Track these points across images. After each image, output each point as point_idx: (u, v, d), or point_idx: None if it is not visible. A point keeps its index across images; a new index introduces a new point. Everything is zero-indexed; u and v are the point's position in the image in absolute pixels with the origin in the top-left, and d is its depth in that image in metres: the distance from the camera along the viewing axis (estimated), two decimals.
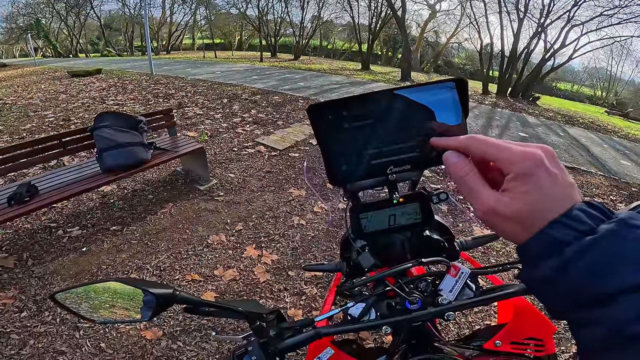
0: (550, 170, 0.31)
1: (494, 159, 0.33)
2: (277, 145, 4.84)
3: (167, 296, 0.52)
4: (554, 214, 0.30)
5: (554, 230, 0.29)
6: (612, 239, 0.27)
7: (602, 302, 0.27)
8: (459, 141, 0.36)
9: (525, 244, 0.31)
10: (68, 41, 29.80)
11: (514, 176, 0.31)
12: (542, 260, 0.30)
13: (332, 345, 0.80)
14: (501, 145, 0.33)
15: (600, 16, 13.12)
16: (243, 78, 10.87)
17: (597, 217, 0.29)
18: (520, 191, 0.31)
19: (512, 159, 0.31)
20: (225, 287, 2.34)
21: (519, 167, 0.31)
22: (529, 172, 0.31)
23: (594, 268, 0.27)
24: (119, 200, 3.26)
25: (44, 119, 5.61)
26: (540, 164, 0.31)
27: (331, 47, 34.80)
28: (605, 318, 0.27)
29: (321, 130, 0.41)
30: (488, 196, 0.33)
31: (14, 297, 2.15)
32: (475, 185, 0.34)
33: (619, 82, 30.21)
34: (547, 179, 0.30)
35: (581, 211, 0.29)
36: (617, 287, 0.26)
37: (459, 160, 0.35)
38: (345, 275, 0.85)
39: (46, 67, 13.21)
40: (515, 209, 0.31)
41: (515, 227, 0.32)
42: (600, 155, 6.62)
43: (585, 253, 0.28)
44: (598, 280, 0.27)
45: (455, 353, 0.74)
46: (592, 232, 0.28)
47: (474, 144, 0.34)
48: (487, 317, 2.22)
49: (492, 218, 0.33)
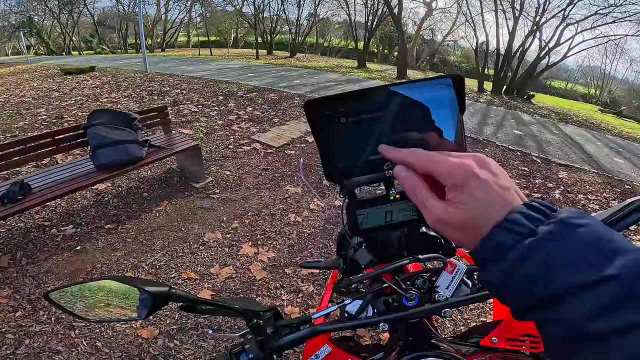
0: (480, 178, 0.31)
1: (432, 173, 0.34)
2: (273, 143, 4.83)
3: (162, 294, 0.51)
4: (494, 220, 0.30)
5: (496, 235, 0.30)
6: (551, 241, 0.28)
7: (550, 304, 0.27)
8: (401, 155, 0.37)
9: (474, 250, 0.32)
10: (61, 39, 29.45)
11: (449, 187, 0.32)
12: (490, 266, 0.31)
13: (329, 342, 0.80)
14: (437, 159, 0.34)
15: (595, 15, 13.22)
16: (239, 75, 10.82)
17: (536, 218, 0.29)
18: (458, 201, 0.32)
19: (447, 171, 0.32)
20: (222, 285, 2.34)
21: (452, 179, 0.32)
22: (461, 182, 0.31)
23: (536, 271, 0.28)
24: (114, 198, 3.23)
25: (36, 117, 5.55)
26: (470, 173, 0.31)
27: (327, 44, 34.70)
28: (558, 319, 0.27)
29: (317, 126, 0.41)
30: (436, 207, 0.34)
31: (8, 297, 2.13)
32: (424, 197, 0.35)
33: (612, 81, 30.44)
34: (479, 187, 0.31)
35: (520, 214, 0.30)
36: (561, 288, 0.27)
37: (407, 174, 0.36)
38: (342, 272, 0.84)
39: (39, 65, 13.06)
40: (459, 218, 0.32)
41: (462, 234, 0.33)
42: (593, 153, 6.68)
43: (526, 256, 0.28)
44: (542, 282, 0.27)
45: (452, 350, 0.74)
46: (532, 234, 0.29)
47: (414, 158, 0.35)
48: (482, 313, 2.24)
49: (442, 227, 0.34)
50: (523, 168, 5.07)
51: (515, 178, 4.66)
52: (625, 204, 0.63)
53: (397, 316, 0.64)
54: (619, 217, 0.63)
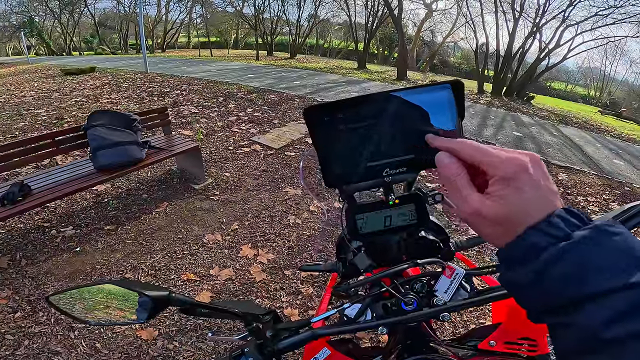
0: (532, 176, 0.31)
1: (480, 163, 0.34)
2: (273, 144, 4.83)
3: (162, 298, 0.51)
4: (533, 219, 0.30)
5: (532, 235, 0.30)
6: (586, 245, 0.28)
7: (574, 307, 0.28)
8: (451, 143, 0.37)
9: (505, 247, 0.32)
10: (62, 39, 29.46)
11: (496, 179, 0.32)
12: (519, 265, 0.31)
13: (328, 345, 0.80)
14: (489, 151, 0.34)
15: (595, 16, 13.22)
16: (239, 76, 10.83)
17: (573, 223, 0.30)
18: (501, 194, 0.32)
19: (497, 163, 0.32)
20: (221, 287, 2.34)
21: (502, 171, 0.32)
22: (511, 176, 0.31)
23: (567, 274, 0.28)
24: (113, 200, 3.23)
25: (36, 118, 5.55)
26: (523, 169, 0.31)
27: (327, 45, 34.73)
28: (577, 323, 0.28)
29: (317, 133, 0.41)
30: (474, 198, 0.34)
31: (7, 298, 2.13)
32: (463, 187, 0.35)
33: (612, 82, 30.47)
34: (528, 184, 0.31)
35: (559, 217, 0.30)
36: (588, 293, 0.27)
37: (451, 161, 0.36)
38: (341, 275, 0.85)
39: (39, 66, 13.05)
40: (496, 212, 0.32)
41: (496, 230, 0.33)
42: (593, 155, 6.68)
43: (559, 259, 0.28)
44: (571, 285, 0.28)
45: (450, 353, 0.74)
46: (567, 238, 0.29)
47: (464, 147, 0.35)
48: (481, 316, 2.24)
49: (475, 220, 0.34)
50: None
51: None
52: (625, 208, 0.64)
53: (396, 320, 0.64)
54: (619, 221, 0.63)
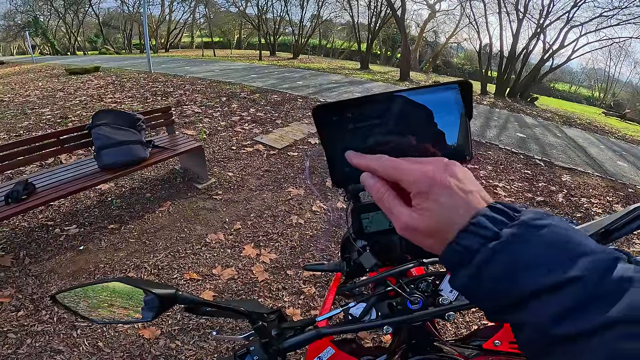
0: (443, 183, 0.31)
1: (397, 181, 0.34)
2: (276, 144, 4.84)
3: (169, 296, 0.52)
4: (459, 224, 0.30)
5: (462, 239, 0.30)
6: (515, 243, 0.28)
7: (517, 306, 0.27)
8: (367, 162, 0.36)
9: (442, 255, 0.32)
10: (66, 39, 29.64)
11: (414, 194, 0.32)
12: (458, 270, 0.31)
13: (332, 344, 0.80)
14: (401, 167, 0.33)
15: (600, 17, 13.19)
16: (242, 76, 10.85)
17: (500, 220, 0.29)
18: (423, 208, 0.32)
19: (411, 179, 0.32)
20: (224, 286, 2.34)
21: (416, 186, 0.32)
22: (425, 189, 0.31)
23: (502, 273, 0.28)
24: (117, 199, 3.25)
25: (41, 117, 5.58)
26: (432, 180, 0.31)
27: (330, 46, 34.76)
28: (526, 321, 0.27)
29: (325, 132, 0.41)
30: (403, 214, 0.33)
31: (10, 296, 2.14)
32: (391, 204, 0.35)
33: (616, 83, 30.33)
34: (443, 192, 0.31)
35: (484, 217, 0.30)
36: (524, 291, 0.27)
37: (374, 182, 0.36)
38: (346, 275, 0.85)
39: (44, 65, 13.14)
40: (425, 224, 0.32)
41: (431, 240, 0.33)
42: (597, 156, 6.65)
43: (492, 259, 0.28)
44: (508, 284, 0.27)
45: (454, 352, 0.74)
46: (496, 237, 0.28)
47: (380, 166, 0.35)
48: (483, 317, 2.23)
49: (409, 234, 0.34)
50: (526, 171, 5.06)
51: (518, 181, 4.65)
52: (629, 210, 0.63)
53: (401, 319, 0.64)
54: (623, 222, 0.63)
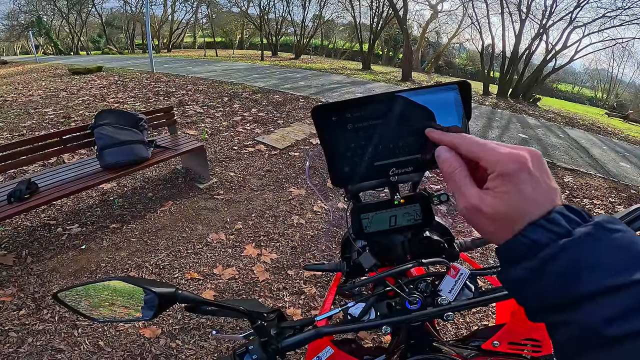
0: (532, 172, 0.31)
1: (480, 158, 0.33)
2: (278, 144, 4.84)
3: (169, 295, 0.52)
4: (532, 216, 0.30)
5: (532, 232, 0.30)
6: (586, 242, 0.28)
7: (574, 305, 0.27)
8: (451, 138, 0.37)
9: (504, 244, 0.32)
10: (69, 39, 29.76)
11: (496, 175, 0.32)
12: (518, 262, 0.30)
13: (331, 344, 0.80)
14: (488, 145, 0.33)
15: (603, 18, 13.12)
16: (244, 77, 10.87)
17: (574, 220, 0.29)
18: (501, 191, 0.31)
19: (497, 159, 0.32)
20: (225, 286, 2.35)
21: (501, 167, 0.31)
22: (511, 172, 0.31)
23: (567, 270, 0.28)
24: (119, 198, 3.26)
25: (44, 116, 5.60)
26: (523, 166, 0.31)
27: (332, 46, 34.76)
28: (577, 321, 0.27)
29: (325, 132, 0.41)
30: (472, 193, 0.33)
31: (12, 295, 2.15)
32: (462, 181, 0.34)
33: (619, 84, 30.22)
34: (528, 181, 0.30)
35: (559, 214, 0.30)
36: (587, 291, 0.27)
37: (450, 156, 0.36)
38: (346, 275, 0.85)
39: (47, 65, 13.19)
40: (495, 209, 0.31)
41: (494, 226, 0.32)
42: (599, 157, 6.62)
43: (559, 255, 0.28)
44: (570, 282, 0.27)
45: (453, 353, 0.74)
46: (568, 234, 0.29)
47: (464, 142, 0.35)
48: (485, 317, 2.23)
49: (473, 215, 0.33)
50: None
51: None
52: (630, 210, 0.63)
53: (400, 319, 0.64)
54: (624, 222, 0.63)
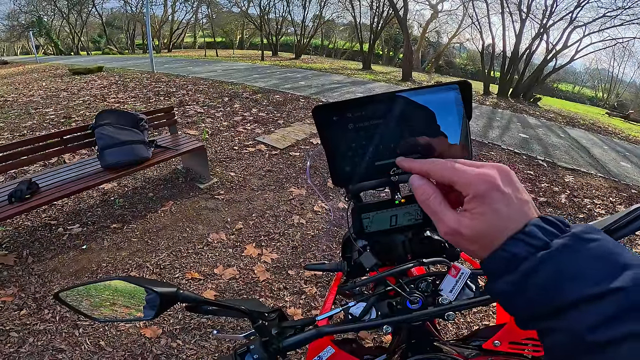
0: (503, 190, 0.32)
1: (452, 182, 0.34)
2: (278, 144, 4.85)
3: (170, 295, 0.52)
4: (510, 231, 0.31)
5: (511, 246, 0.30)
6: (564, 254, 0.28)
7: (559, 312, 0.28)
8: (420, 165, 0.37)
9: (486, 260, 0.33)
10: (70, 39, 29.76)
11: (470, 198, 0.32)
12: (501, 276, 0.31)
13: (332, 344, 0.80)
14: (458, 169, 0.34)
15: (603, 17, 13.10)
16: (244, 77, 10.87)
17: (551, 232, 0.30)
18: (477, 212, 0.32)
19: (468, 181, 0.32)
20: (225, 286, 2.35)
21: (474, 190, 0.32)
22: (483, 194, 0.32)
23: (547, 282, 0.28)
24: (120, 198, 3.26)
25: (44, 117, 5.61)
26: (493, 185, 0.32)
27: (332, 46, 34.74)
28: (561, 328, 0.28)
29: (326, 131, 0.41)
30: (450, 218, 0.34)
31: (13, 295, 2.15)
32: (438, 207, 0.35)
33: (620, 84, 30.19)
34: (501, 199, 0.31)
35: (535, 227, 0.30)
36: (569, 300, 0.27)
37: (422, 183, 0.36)
38: (346, 274, 0.85)
39: (47, 65, 13.20)
40: (474, 230, 0.32)
41: (475, 245, 0.33)
42: (600, 157, 6.62)
43: (539, 268, 0.29)
44: (552, 293, 0.28)
45: (454, 352, 0.74)
46: (545, 246, 0.29)
47: (434, 168, 0.35)
48: (485, 317, 2.23)
49: (454, 238, 0.34)
50: (529, 172, 5.04)
51: (521, 182, 4.63)
52: (631, 210, 0.63)
53: (401, 319, 0.64)
54: (624, 222, 0.63)
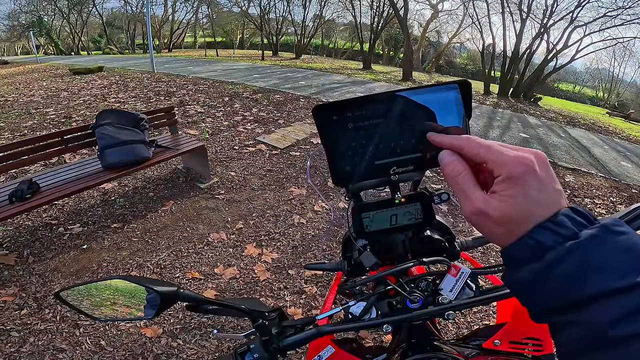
0: (539, 175, 0.31)
1: (485, 161, 0.33)
2: (278, 144, 4.85)
3: (170, 294, 0.52)
4: (539, 218, 0.30)
5: (538, 234, 0.30)
6: (592, 245, 0.28)
7: (579, 307, 0.28)
8: (454, 140, 0.36)
9: (510, 247, 0.32)
10: (70, 39, 29.80)
11: (502, 179, 0.31)
12: (524, 264, 0.31)
13: (332, 343, 0.80)
14: (494, 148, 0.33)
15: (604, 17, 13.08)
16: (244, 76, 10.87)
17: (580, 222, 0.29)
18: (508, 194, 0.31)
19: (503, 161, 0.31)
20: (226, 286, 2.35)
21: (508, 170, 0.31)
22: (518, 175, 0.31)
23: (573, 273, 0.28)
24: (120, 198, 3.26)
25: (45, 116, 5.61)
26: (530, 169, 0.31)
27: (333, 46, 34.75)
28: (582, 322, 0.27)
29: (326, 131, 0.42)
30: (477, 197, 0.33)
31: (14, 295, 2.16)
32: (467, 185, 0.34)
33: (620, 84, 30.17)
34: (535, 184, 0.30)
35: (565, 216, 0.30)
36: (592, 293, 0.27)
37: (453, 159, 0.35)
38: (346, 274, 0.85)
39: (48, 65, 13.21)
40: (502, 212, 0.31)
41: (501, 229, 0.32)
42: (601, 157, 6.61)
43: (565, 258, 0.28)
44: (576, 284, 0.28)
45: (454, 352, 0.74)
46: (574, 237, 0.29)
47: (468, 144, 0.34)
48: (486, 317, 2.23)
49: (479, 219, 0.33)
50: None
51: None
52: (631, 209, 0.63)
53: (401, 318, 0.64)
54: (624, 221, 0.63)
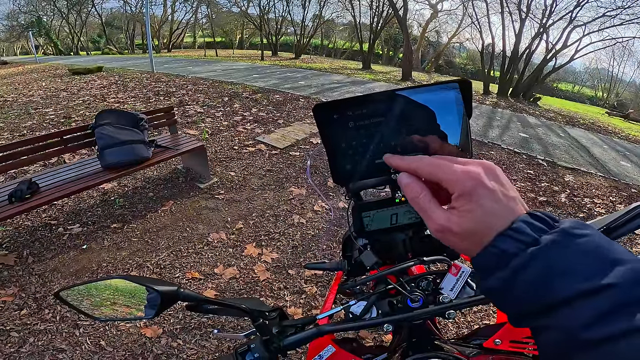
0: (489, 187, 0.31)
1: (439, 180, 0.34)
2: (278, 144, 4.84)
3: (171, 293, 0.52)
4: (499, 227, 0.31)
5: (500, 242, 0.30)
6: (553, 250, 0.28)
7: (548, 311, 0.28)
8: (407, 163, 0.36)
9: (477, 257, 0.32)
10: (69, 39, 29.76)
11: (457, 195, 0.32)
12: (492, 272, 0.31)
13: (333, 343, 0.80)
14: (444, 166, 0.33)
15: (603, 17, 13.10)
16: (244, 76, 10.86)
17: (539, 227, 0.30)
18: (465, 209, 0.32)
19: (454, 179, 0.32)
20: (225, 285, 2.35)
21: (460, 187, 0.32)
22: (469, 191, 0.31)
23: (537, 279, 0.28)
24: (120, 198, 3.26)
25: (44, 117, 5.60)
26: (479, 182, 0.31)
27: (332, 46, 34.74)
28: (554, 326, 0.28)
29: (326, 130, 0.41)
30: (439, 215, 0.34)
31: (14, 295, 2.16)
32: (427, 205, 0.35)
33: (620, 83, 30.18)
34: (487, 196, 0.31)
35: (524, 223, 0.30)
36: (560, 296, 0.27)
37: (410, 181, 0.36)
38: (347, 273, 0.85)
39: (47, 65, 13.20)
40: (463, 227, 0.32)
41: (465, 243, 0.33)
42: (600, 156, 6.62)
43: (529, 264, 0.29)
44: (542, 290, 0.28)
45: (455, 351, 0.74)
46: (535, 243, 0.29)
47: (420, 166, 0.35)
48: (486, 316, 2.23)
49: (444, 235, 0.34)
50: (529, 171, 5.04)
51: (520, 181, 4.63)
52: (630, 208, 0.63)
53: (402, 317, 0.64)
54: (623, 221, 0.63)
